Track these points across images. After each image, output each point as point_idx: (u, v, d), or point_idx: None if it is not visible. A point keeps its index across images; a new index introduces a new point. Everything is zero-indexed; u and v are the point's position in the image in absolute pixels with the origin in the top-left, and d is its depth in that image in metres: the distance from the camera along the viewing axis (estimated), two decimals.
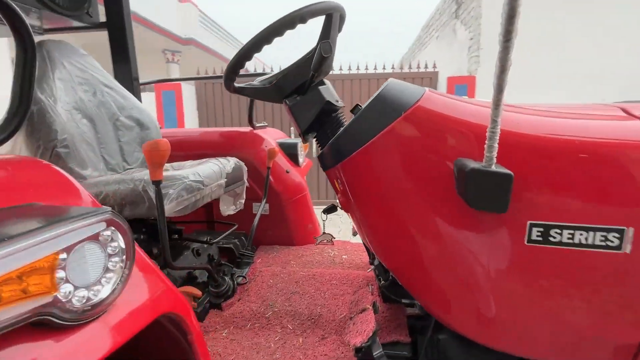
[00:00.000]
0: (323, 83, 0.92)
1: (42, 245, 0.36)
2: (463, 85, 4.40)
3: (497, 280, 0.70)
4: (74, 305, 0.40)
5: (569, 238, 0.62)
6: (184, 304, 0.58)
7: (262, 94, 0.96)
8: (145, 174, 0.96)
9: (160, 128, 1.71)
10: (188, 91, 5.01)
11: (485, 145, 0.57)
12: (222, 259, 1.35)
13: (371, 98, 0.77)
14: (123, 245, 0.47)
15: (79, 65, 1.13)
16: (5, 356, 0.34)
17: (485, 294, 0.72)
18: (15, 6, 0.46)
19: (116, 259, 0.46)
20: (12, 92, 0.51)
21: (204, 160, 1.19)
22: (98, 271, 0.44)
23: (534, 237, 0.63)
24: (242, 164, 1.27)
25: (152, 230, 1.14)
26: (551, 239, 0.62)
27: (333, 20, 0.86)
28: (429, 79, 4.77)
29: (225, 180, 1.08)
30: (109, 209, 0.46)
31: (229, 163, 1.17)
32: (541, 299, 0.68)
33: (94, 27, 1.48)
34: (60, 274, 0.38)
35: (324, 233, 1.68)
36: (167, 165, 1.25)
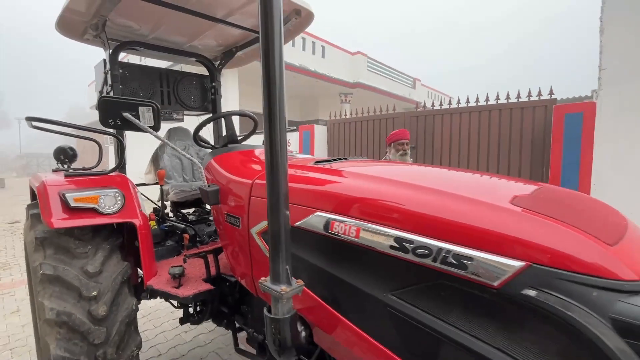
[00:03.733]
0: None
1: (97, 192, 1.64)
2: (577, 114, 3.65)
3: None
4: (104, 209, 1.66)
5: (230, 221, 1.39)
6: (142, 223, 1.76)
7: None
8: (195, 184, 2.30)
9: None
10: (320, 129, 6.60)
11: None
12: None
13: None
14: (122, 198, 1.71)
15: (182, 135, 2.64)
16: (83, 215, 1.64)
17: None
18: (113, 133, 1.81)
19: (119, 201, 1.71)
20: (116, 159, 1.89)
21: None
22: (113, 203, 1.69)
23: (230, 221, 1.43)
24: None
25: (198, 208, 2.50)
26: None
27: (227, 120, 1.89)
28: (544, 107, 4.16)
29: None
30: (118, 190, 1.71)
31: None
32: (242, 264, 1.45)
33: (205, 113, 3.04)
34: (101, 200, 1.64)
35: None
36: None
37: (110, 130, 1.96)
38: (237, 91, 9.21)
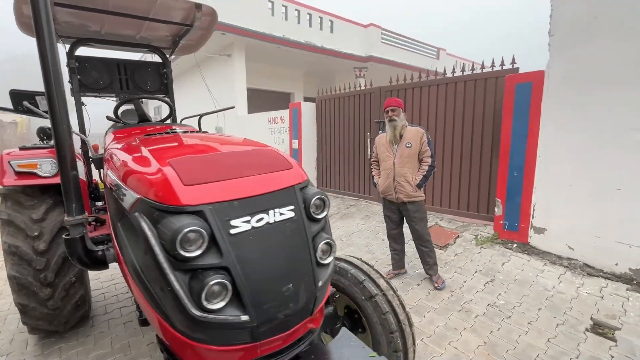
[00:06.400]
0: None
1: (36, 160, 2.20)
2: (526, 83, 3.54)
3: None
4: (42, 173, 2.22)
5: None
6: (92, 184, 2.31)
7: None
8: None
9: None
10: (309, 106, 6.84)
11: None
12: None
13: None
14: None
15: (131, 116, 3.16)
16: (27, 178, 2.21)
17: None
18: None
19: (54, 168, 2.27)
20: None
21: None
22: (50, 169, 2.25)
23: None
24: None
25: None
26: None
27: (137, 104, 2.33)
28: (498, 78, 4.02)
29: None
30: (54, 158, 2.26)
31: None
32: None
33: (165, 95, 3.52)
34: (39, 166, 2.21)
35: None
36: None
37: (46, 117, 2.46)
38: (244, 70, 9.63)
